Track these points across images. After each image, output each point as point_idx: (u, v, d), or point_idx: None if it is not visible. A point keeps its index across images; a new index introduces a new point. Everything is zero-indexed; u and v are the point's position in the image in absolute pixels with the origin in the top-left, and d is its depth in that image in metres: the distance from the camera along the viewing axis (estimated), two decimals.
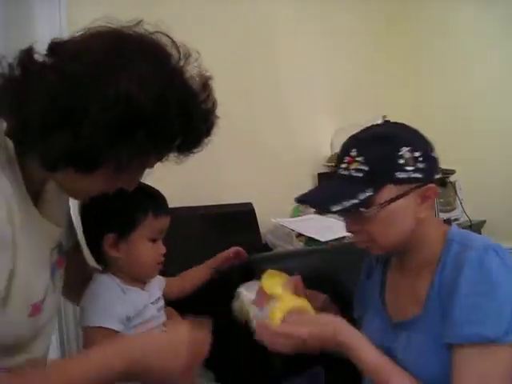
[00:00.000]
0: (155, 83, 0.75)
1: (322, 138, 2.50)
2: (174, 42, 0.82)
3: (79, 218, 1.11)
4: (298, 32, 2.42)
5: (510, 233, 2.70)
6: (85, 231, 1.10)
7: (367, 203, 0.93)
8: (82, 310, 1.05)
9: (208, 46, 0.87)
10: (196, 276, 1.36)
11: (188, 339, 0.84)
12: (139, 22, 0.82)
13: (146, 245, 1.09)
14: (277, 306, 1.00)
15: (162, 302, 1.18)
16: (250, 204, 2.02)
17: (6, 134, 0.79)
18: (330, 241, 1.81)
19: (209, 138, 0.89)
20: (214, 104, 0.87)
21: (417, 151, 0.94)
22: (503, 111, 2.70)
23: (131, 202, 1.05)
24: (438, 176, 0.98)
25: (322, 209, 0.98)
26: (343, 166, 0.97)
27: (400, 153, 0.93)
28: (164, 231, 1.13)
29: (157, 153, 0.84)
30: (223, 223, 1.90)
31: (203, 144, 0.89)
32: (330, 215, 2.08)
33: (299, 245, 1.87)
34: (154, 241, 1.10)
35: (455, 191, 2.53)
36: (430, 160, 0.96)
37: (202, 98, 0.84)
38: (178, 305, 1.27)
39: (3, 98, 0.77)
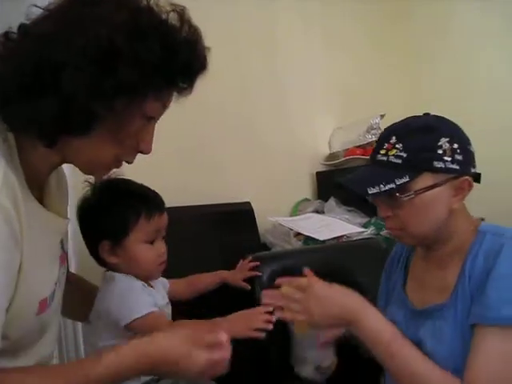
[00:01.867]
0: (122, 22, 0.73)
1: (320, 136, 2.50)
2: None
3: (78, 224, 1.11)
4: (297, 31, 2.42)
5: None
6: (84, 238, 1.10)
7: (403, 189, 0.95)
8: (114, 310, 1.04)
9: (208, 44, 0.86)
10: (205, 283, 1.35)
11: (204, 366, 0.82)
12: None
13: (142, 247, 1.08)
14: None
15: (169, 308, 1.18)
16: (248, 203, 2.01)
17: None
18: (328, 240, 1.81)
19: (205, 70, 0.84)
20: (197, 32, 0.83)
21: (455, 143, 0.97)
22: (504, 109, 2.69)
23: (122, 208, 1.05)
24: (473, 170, 1.00)
25: (360, 191, 0.98)
26: (382, 152, 0.99)
27: (439, 143, 0.96)
28: (162, 230, 1.12)
29: (151, 92, 0.79)
30: (221, 222, 1.89)
31: (199, 77, 0.84)
32: (328, 214, 2.08)
33: (297, 244, 1.86)
34: (151, 242, 1.09)
35: None
36: (467, 153, 0.98)
37: (182, 28, 0.81)
38: (178, 305, 1.27)
39: None
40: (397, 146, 0.97)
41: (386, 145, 0.99)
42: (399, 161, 0.96)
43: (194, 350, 0.81)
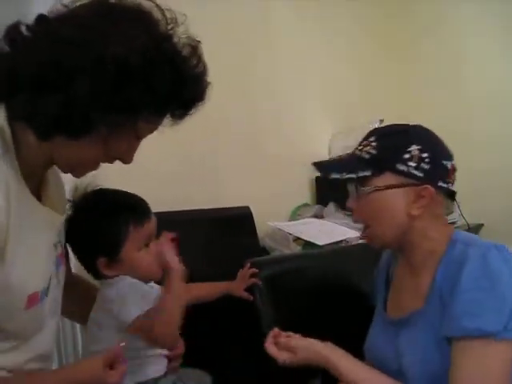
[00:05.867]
0: (142, 45, 0.75)
1: (319, 141, 2.50)
2: (159, 7, 0.82)
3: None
4: (296, 34, 2.43)
5: (508, 236, 2.70)
6: (77, 257, 1.10)
7: (365, 182, 1.02)
8: (118, 310, 1.03)
9: (205, 48, 0.87)
10: (206, 293, 1.34)
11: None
12: None
13: (138, 255, 1.07)
14: None
15: None
16: (247, 208, 2.01)
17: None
18: (327, 244, 1.81)
19: (202, 102, 0.87)
20: (205, 68, 0.86)
21: (426, 153, 0.99)
22: (502, 113, 2.70)
23: (110, 224, 1.05)
24: (444, 185, 1.01)
25: (325, 174, 1.08)
26: (359, 147, 1.06)
27: (409, 148, 1.00)
28: (153, 234, 1.11)
29: (148, 115, 0.82)
30: (221, 227, 1.89)
31: (197, 108, 0.88)
32: (327, 219, 2.09)
33: (296, 248, 1.87)
34: (146, 245, 1.09)
35: None
36: (437, 166, 1.00)
37: (193, 62, 0.83)
38: None
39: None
40: (372, 143, 1.03)
41: (365, 142, 1.06)
42: (367, 156, 1.03)
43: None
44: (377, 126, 2.27)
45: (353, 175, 1.02)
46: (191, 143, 1.91)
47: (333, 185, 2.24)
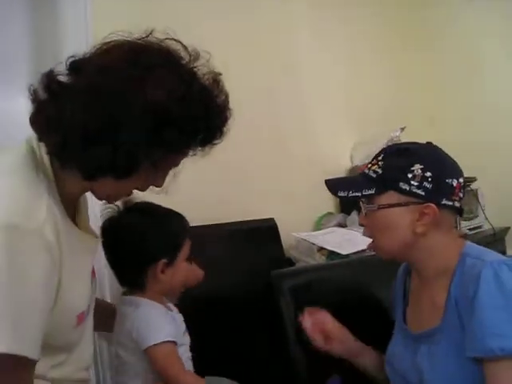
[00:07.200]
0: (177, 88, 0.82)
1: (342, 150, 2.51)
2: (184, 45, 0.89)
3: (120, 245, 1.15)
4: (319, 44, 2.45)
5: None
6: (129, 257, 1.14)
7: (369, 201, 1.07)
8: (136, 334, 1.10)
9: (229, 68, 0.93)
10: None
11: None
12: (151, 32, 0.89)
13: (184, 264, 1.16)
14: None
15: (187, 338, 1.23)
16: (272, 219, 2.04)
17: (47, 153, 0.85)
18: (351, 254, 1.83)
19: (227, 128, 0.93)
20: (227, 96, 0.92)
21: (429, 172, 1.02)
22: None
23: (175, 228, 1.14)
24: (449, 203, 1.03)
25: (332, 191, 1.13)
26: (369, 165, 1.10)
27: (412, 168, 1.02)
28: None
29: (186, 150, 0.90)
30: (247, 239, 1.92)
31: (223, 135, 0.94)
32: (351, 228, 2.10)
33: (321, 259, 1.89)
34: (189, 261, 1.17)
35: (477, 198, 2.50)
36: (440, 184, 1.02)
37: (215, 92, 0.90)
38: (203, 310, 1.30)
39: (39, 122, 0.84)
40: (379, 162, 1.07)
41: (374, 160, 1.09)
42: (374, 175, 1.06)
43: None
44: (398, 135, 2.30)
45: (358, 193, 1.06)
46: (216, 159, 1.94)
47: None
